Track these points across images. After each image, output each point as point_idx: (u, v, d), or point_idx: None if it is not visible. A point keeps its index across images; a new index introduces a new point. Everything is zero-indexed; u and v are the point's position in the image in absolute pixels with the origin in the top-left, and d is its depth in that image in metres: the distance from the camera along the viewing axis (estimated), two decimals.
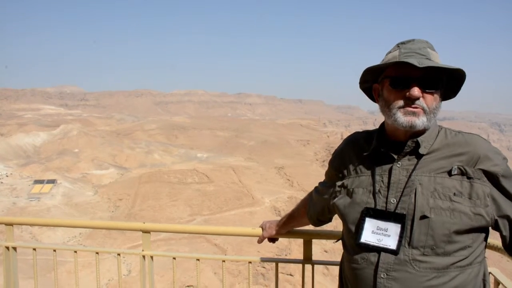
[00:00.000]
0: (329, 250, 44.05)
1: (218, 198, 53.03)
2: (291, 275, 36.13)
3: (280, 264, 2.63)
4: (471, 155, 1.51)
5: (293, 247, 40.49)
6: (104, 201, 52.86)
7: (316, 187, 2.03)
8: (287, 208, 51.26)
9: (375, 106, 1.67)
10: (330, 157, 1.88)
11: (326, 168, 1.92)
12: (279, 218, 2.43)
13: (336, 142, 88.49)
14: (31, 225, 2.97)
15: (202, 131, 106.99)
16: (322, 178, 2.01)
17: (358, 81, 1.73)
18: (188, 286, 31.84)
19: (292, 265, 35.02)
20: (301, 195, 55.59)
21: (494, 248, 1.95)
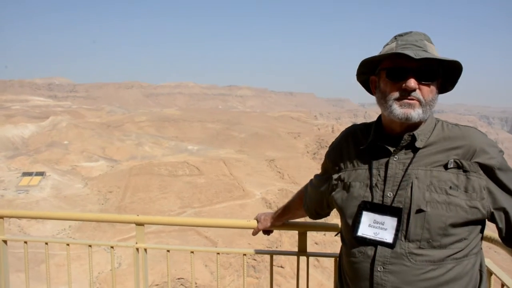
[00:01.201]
0: (319, 242, 44.37)
1: (209, 191, 53.03)
2: (281, 267, 36.37)
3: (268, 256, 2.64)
4: (467, 148, 1.51)
5: (284, 239, 40.71)
6: (94, 194, 52.60)
7: (311, 180, 2.04)
8: (278, 200, 51.44)
9: (366, 99, 1.67)
10: (320, 149, 1.89)
11: (317, 161, 1.93)
12: (270, 211, 2.44)
13: (327, 134, 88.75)
14: (23, 217, 2.93)
15: (193, 124, 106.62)
16: (313, 170, 2.01)
17: (355, 73, 1.72)
18: (178, 278, 31.92)
19: (282, 257, 35.37)
20: (292, 188, 55.92)
21: (488, 239, 1.97)
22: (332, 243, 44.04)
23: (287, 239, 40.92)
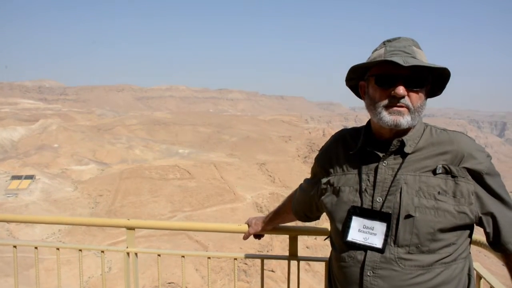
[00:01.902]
0: (310, 246, 44.37)
1: (200, 194, 52.85)
2: (272, 271, 36.28)
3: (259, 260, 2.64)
4: (455, 154, 1.53)
5: (275, 243, 40.65)
6: (84, 197, 52.19)
7: (301, 184, 2.05)
8: (269, 204, 51.39)
9: (357, 103, 1.68)
10: (311, 153, 1.90)
11: (308, 164, 1.93)
12: (261, 214, 2.45)
13: (318, 138, 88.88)
14: (14, 222, 2.90)
15: (184, 127, 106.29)
16: (303, 174, 2.03)
17: (344, 78, 1.73)
18: (169, 283, 31.75)
19: (273, 261, 35.31)
20: (283, 191, 55.89)
21: (478, 243, 1.99)
22: (323, 247, 44.05)
23: (278, 243, 40.89)
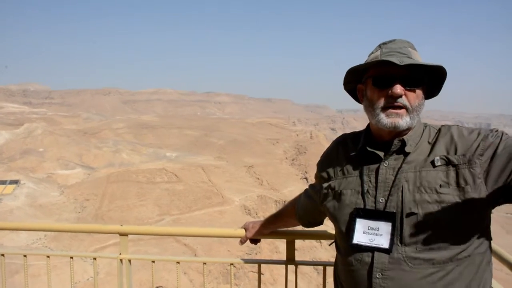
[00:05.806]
0: (298, 248, 44.36)
1: (187, 198, 52.69)
2: (262, 274, 36.28)
3: (250, 264, 2.61)
4: (449, 143, 1.52)
5: (263, 245, 40.58)
6: (71, 202, 51.68)
7: (306, 190, 2.05)
8: (257, 207, 51.39)
9: (344, 105, 1.67)
10: (299, 155, 1.88)
11: (295, 167, 1.93)
12: (249, 217, 2.42)
13: (305, 140, 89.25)
14: (4, 230, 2.82)
15: (171, 130, 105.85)
16: (291, 176, 2.02)
17: (342, 82, 1.73)
18: (157, 286, 31.56)
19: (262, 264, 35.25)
20: (271, 194, 56.04)
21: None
22: (311, 248, 44.07)
23: (267, 245, 40.85)
